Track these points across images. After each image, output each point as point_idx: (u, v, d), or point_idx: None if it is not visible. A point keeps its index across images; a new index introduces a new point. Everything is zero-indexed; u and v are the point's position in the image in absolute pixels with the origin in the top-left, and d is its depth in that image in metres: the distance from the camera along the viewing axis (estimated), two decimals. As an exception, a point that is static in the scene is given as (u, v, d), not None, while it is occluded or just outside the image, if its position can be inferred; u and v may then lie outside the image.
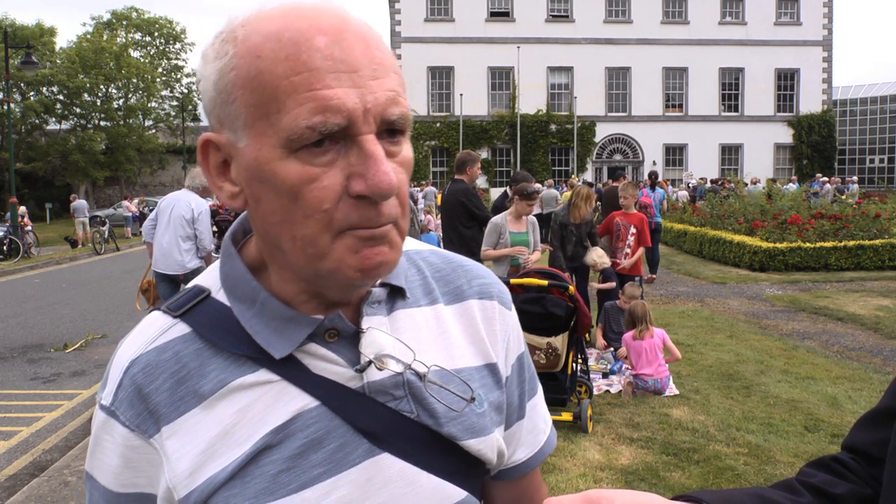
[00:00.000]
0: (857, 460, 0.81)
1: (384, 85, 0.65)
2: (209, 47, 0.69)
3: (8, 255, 17.76)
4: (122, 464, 0.70)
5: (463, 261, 0.88)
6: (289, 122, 0.62)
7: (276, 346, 0.70)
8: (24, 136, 35.37)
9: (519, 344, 0.88)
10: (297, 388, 0.70)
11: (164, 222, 6.25)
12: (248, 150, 0.66)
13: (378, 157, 0.63)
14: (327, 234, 0.65)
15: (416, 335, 0.77)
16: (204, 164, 0.72)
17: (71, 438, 5.14)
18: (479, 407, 0.78)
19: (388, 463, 0.72)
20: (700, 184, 27.17)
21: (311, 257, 0.66)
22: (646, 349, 5.47)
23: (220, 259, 0.77)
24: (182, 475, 0.68)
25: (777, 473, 3.94)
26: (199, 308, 0.73)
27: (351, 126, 0.63)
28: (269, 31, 0.64)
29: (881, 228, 13.17)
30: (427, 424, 0.74)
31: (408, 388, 0.74)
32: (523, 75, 35.86)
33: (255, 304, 0.72)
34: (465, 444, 0.76)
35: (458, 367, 0.78)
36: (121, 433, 0.70)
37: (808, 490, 0.77)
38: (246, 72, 0.64)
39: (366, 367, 0.71)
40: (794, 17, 38.35)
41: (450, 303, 0.82)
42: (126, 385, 0.70)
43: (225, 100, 0.66)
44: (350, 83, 0.63)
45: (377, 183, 0.63)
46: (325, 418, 0.70)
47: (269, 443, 0.69)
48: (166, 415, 0.69)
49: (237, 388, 0.70)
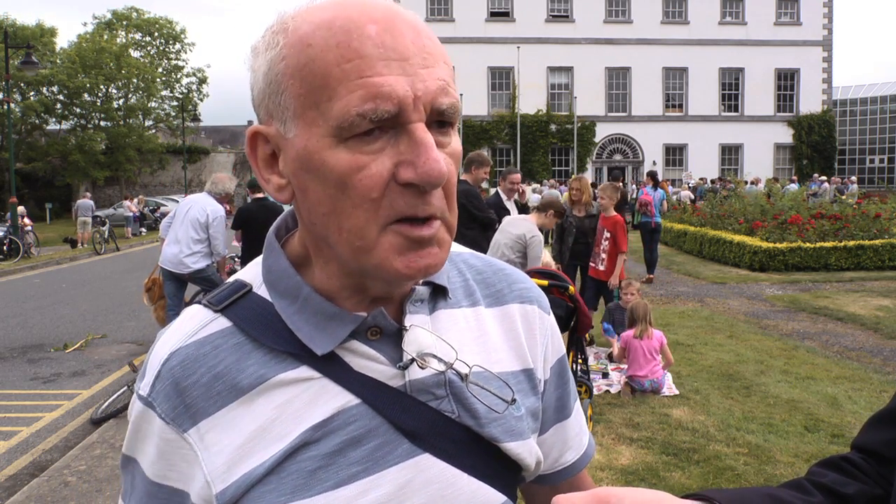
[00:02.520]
0: (867, 460, 0.80)
1: (434, 74, 0.64)
2: (259, 40, 0.69)
3: (8, 255, 17.75)
4: (158, 454, 0.71)
5: (503, 265, 0.88)
6: (339, 109, 0.62)
7: (319, 342, 0.70)
8: (24, 136, 35.36)
9: (559, 348, 0.88)
10: (338, 386, 0.70)
11: (179, 222, 6.43)
12: (297, 141, 0.65)
13: (428, 145, 0.63)
14: (374, 225, 0.64)
15: (457, 335, 0.76)
16: (252, 157, 0.72)
17: (71, 438, 5.14)
18: (517, 410, 0.77)
19: (429, 464, 0.71)
20: (700, 184, 27.19)
21: (357, 251, 0.66)
22: (643, 350, 5.47)
23: (263, 254, 0.77)
24: (219, 469, 0.68)
25: (777, 473, 3.94)
26: (241, 303, 0.73)
27: (401, 113, 0.62)
28: (320, 19, 0.64)
29: (881, 228, 13.17)
30: (468, 425, 0.73)
31: (449, 387, 0.73)
32: (523, 75, 35.85)
33: (297, 300, 0.72)
34: (505, 447, 0.75)
35: (497, 371, 0.77)
36: (158, 425, 0.70)
37: (818, 490, 0.76)
38: (296, 60, 0.64)
39: (408, 365, 0.71)
40: (794, 17, 38.34)
41: (490, 305, 0.82)
42: (164, 377, 0.70)
43: (275, 90, 0.66)
44: (401, 71, 0.62)
45: (427, 171, 0.62)
46: (365, 416, 0.70)
47: (307, 439, 0.68)
48: (204, 409, 0.69)
49: (277, 384, 0.69)
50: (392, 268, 0.65)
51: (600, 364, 6.29)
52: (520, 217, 6.07)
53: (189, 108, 40.73)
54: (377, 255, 0.65)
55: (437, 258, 0.67)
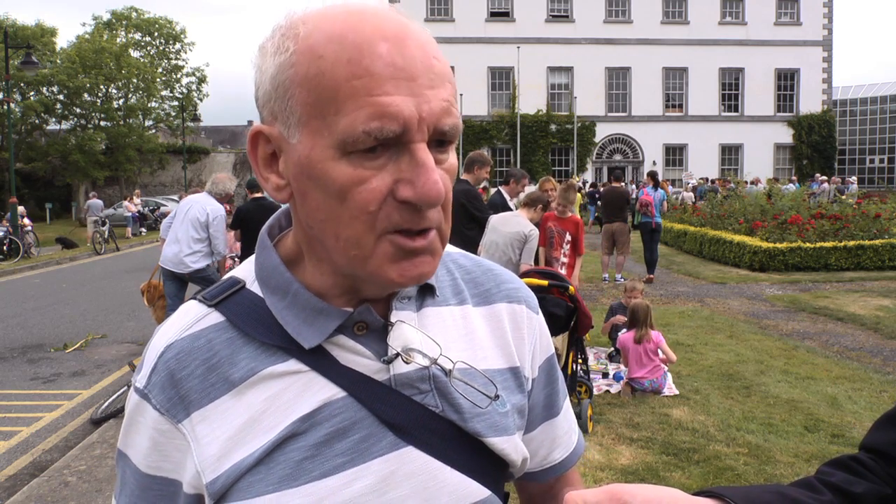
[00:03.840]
0: (875, 460, 0.80)
1: (439, 95, 0.66)
2: (268, 40, 0.69)
3: (8, 255, 17.75)
4: (151, 446, 0.72)
5: (492, 265, 0.90)
6: (346, 125, 0.63)
7: (306, 336, 0.72)
8: (24, 136, 35.33)
9: (547, 347, 0.89)
10: (324, 379, 0.72)
11: (179, 222, 6.45)
12: (301, 147, 0.67)
13: (429, 166, 0.65)
14: (371, 234, 0.66)
15: (443, 332, 0.78)
16: (252, 155, 0.73)
17: (71, 438, 5.14)
18: (501, 406, 0.79)
19: (413, 456, 0.72)
20: (700, 184, 27.18)
21: (353, 258, 0.68)
22: (641, 352, 5.46)
23: (256, 251, 0.79)
24: (210, 459, 0.70)
25: (777, 473, 3.94)
26: (234, 298, 0.75)
27: (405, 133, 0.64)
28: (332, 31, 0.65)
29: (881, 228, 13.17)
30: (452, 419, 0.75)
31: (433, 382, 0.75)
32: (523, 75, 35.84)
33: (287, 296, 0.73)
34: (488, 442, 0.77)
35: (482, 368, 0.79)
36: (152, 416, 0.72)
37: (827, 488, 0.77)
38: (306, 70, 0.65)
39: (393, 360, 0.73)
40: (794, 17, 38.33)
41: (478, 304, 0.84)
42: (160, 369, 0.72)
43: (281, 95, 0.67)
44: (408, 91, 0.64)
45: (426, 192, 0.64)
46: (351, 409, 0.71)
47: (295, 430, 0.70)
48: (197, 400, 0.71)
49: (267, 376, 0.71)
50: (386, 276, 0.68)
51: (600, 364, 6.29)
52: (508, 214, 6.01)
53: (189, 108, 40.72)
54: (372, 263, 0.67)
55: (429, 266, 0.69)
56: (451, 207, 0.71)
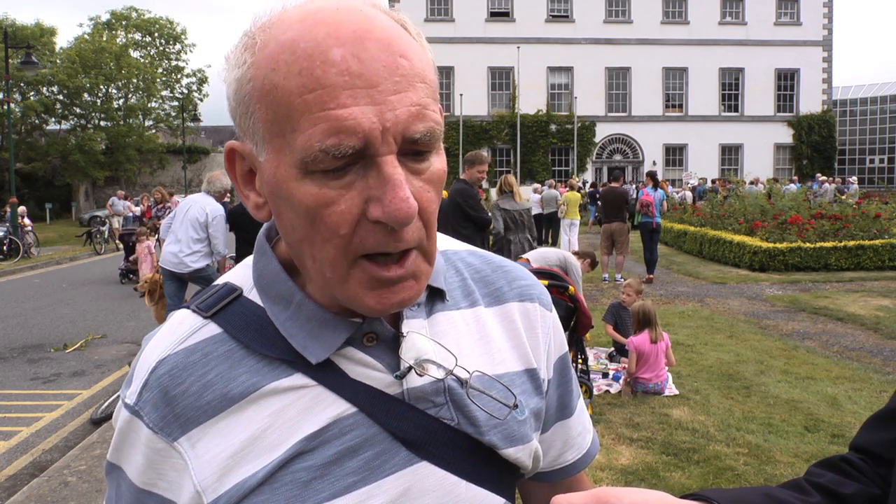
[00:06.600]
0: (865, 461, 0.80)
1: (407, 99, 0.60)
2: (232, 50, 0.66)
3: (8, 255, 17.76)
4: (146, 463, 0.68)
5: (502, 262, 0.85)
6: (302, 143, 0.59)
7: (313, 350, 0.68)
8: (24, 136, 35.33)
9: (561, 345, 0.86)
10: (333, 394, 0.68)
11: (179, 222, 6.48)
12: (268, 166, 0.63)
13: (396, 182, 0.59)
14: (344, 259, 0.62)
15: (456, 339, 0.74)
16: (231, 172, 0.70)
17: (71, 438, 5.14)
18: (520, 414, 0.75)
19: (427, 472, 0.69)
20: (701, 184, 27.20)
21: (329, 281, 0.64)
22: (655, 353, 5.45)
23: (254, 256, 0.74)
24: (211, 479, 0.66)
25: (777, 473, 3.94)
26: (231, 308, 0.71)
27: (368, 147, 0.59)
28: (284, 39, 0.60)
29: (881, 228, 13.18)
30: (468, 432, 0.72)
31: (449, 394, 0.71)
32: (523, 75, 35.83)
33: (290, 306, 0.69)
34: (504, 453, 0.74)
35: (500, 373, 0.75)
36: (145, 434, 0.67)
37: (816, 490, 0.76)
38: (261, 84, 0.61)
39: (406, 374, 0.69)
40: (794, 17, 38.33)
41: (490, 305, 0.79)
42: (152, 385, 0.68)
43: (244, 112, 0.63)
44: (367, 100, 0.58)
45: (394, 211, 0.59)
46: (362, 426, 0.68)
47: (302, 449, 0.66)
48: (194, 418, 0.66)
49: (270, 392, 0.67)
50: (364, 303, 0.64)
51: (600, 364, 6.29)
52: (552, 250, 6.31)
53: (189, 108, 40.73)
54: (349, 289, 0.64)
55: (411, 291, 0.65)
56: (445, 207, 0.69)
